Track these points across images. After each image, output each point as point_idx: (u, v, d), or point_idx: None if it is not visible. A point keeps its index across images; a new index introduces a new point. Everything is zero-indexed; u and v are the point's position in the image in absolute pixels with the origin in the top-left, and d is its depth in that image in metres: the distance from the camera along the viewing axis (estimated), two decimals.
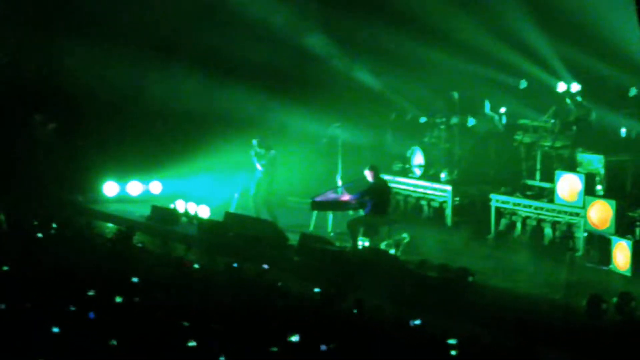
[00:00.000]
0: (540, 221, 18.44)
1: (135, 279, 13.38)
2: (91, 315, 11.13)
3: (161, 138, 24.09)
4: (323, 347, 10.49)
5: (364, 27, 23.54)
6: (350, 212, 18.70)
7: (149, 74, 23.78)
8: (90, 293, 12.39)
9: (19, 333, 10.54)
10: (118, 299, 11.80)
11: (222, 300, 12.92)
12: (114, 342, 10.44)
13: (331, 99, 23.32)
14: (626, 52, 20.56)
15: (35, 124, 23.03)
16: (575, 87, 19.99)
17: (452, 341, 10.98)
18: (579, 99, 19.57)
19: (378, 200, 17.85)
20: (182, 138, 23.81)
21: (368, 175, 17.97)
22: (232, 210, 20.25)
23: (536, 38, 21.90)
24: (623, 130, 19.78)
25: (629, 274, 16.09)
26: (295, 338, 10.59)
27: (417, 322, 11.92)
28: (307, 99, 23.33)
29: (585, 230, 17.45)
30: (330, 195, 19.04)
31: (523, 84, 21.83)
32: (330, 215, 19.35)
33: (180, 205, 20.79)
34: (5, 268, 13.65)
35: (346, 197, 18.54)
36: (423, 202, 20.91)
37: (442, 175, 20.62)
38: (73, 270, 13.84)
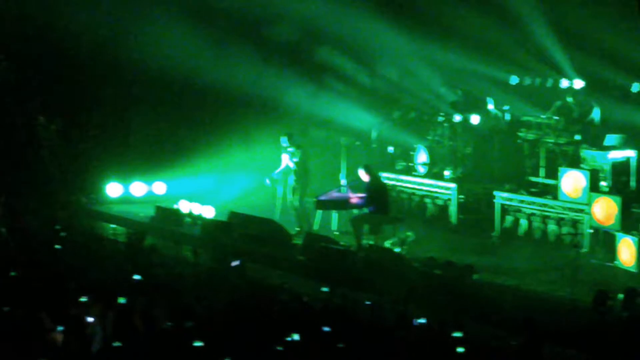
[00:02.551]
0: (544, 218, 18.39)
1: (137, 277, 13.33)
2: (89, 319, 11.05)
3: (164, 138, 24.02)
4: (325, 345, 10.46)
5: (366, 25, 23.43)
6: (355, 211, 18.67)
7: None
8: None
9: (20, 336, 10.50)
10: (122, 300, 11.73)
11: (225, 300, 12.88)
12: (118, 344, 10.43)
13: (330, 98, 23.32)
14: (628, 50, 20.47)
15: (39, 125, 22.95)
16: (579, 83, 19.93)
17: (457, 334, 10.93)
18: (582, 95, 19.50)
19: (378, 198, 17.85)
20: (186, 138, 23.76)
21: (362, 175, 17.97)
22: (279, 195, 19.84)
23: (540, 34, 21.79)
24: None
25: (634, 269, 16.05)
26: (297, 337, 10.54)
27: (422, 320, 11.87)
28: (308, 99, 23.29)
29: (590, 227, 17.40)
30: (334, 195, 19.05)
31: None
32: (334, 214, 19.32)
33: (183, 206, 20.76)
34: (13, 274, 13.57)
35: (353, 197, 18.51)
36: (427, 200, 20.84)
37: (446, 173, 20.57)
38: (84, 273, 13.79)
